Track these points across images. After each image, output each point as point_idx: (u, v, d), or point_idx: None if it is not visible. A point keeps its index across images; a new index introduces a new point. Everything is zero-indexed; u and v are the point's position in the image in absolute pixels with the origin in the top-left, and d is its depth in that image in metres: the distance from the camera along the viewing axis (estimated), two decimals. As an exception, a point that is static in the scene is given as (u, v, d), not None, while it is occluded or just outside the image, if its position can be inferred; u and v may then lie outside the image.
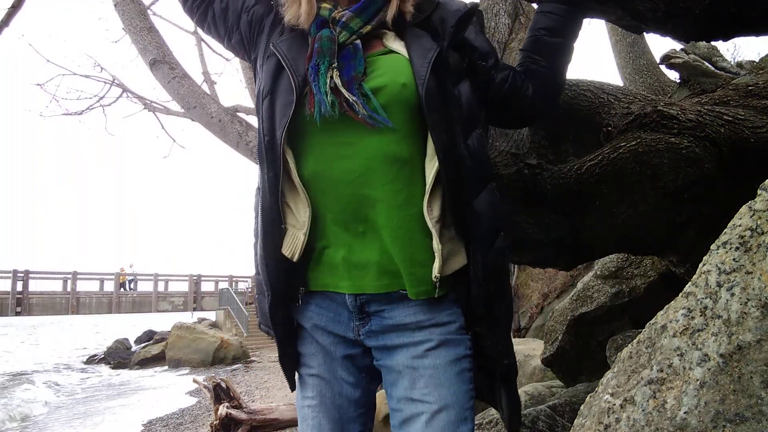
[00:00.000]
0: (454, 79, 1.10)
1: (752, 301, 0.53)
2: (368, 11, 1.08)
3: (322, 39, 1.06)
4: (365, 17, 1.08)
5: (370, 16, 1.08)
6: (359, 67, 1.05)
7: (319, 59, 1.04)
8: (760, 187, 0.61)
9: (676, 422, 0.52)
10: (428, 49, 1.06)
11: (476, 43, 1.16)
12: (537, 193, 2.05)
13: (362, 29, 1.08)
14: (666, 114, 1.97)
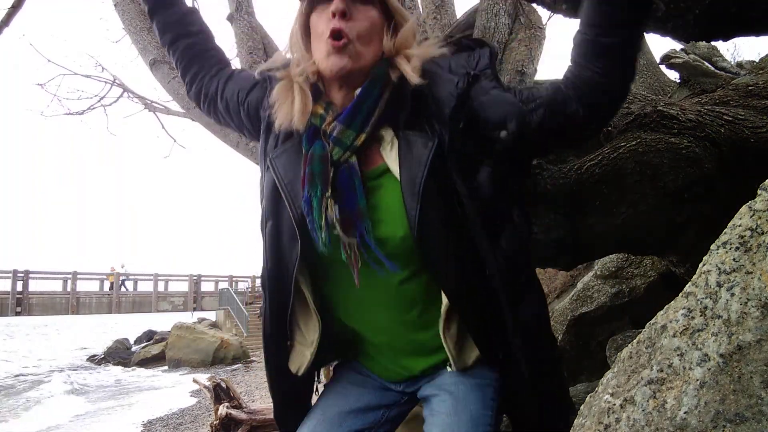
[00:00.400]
0: (469, 170, 0.95)
1: (752, 301, 0.53)
2: (358, 118, 0.95)
3: (313, 160, 0.95)
4: (357, 126, 0.95)
5: (362, 123, 0.95)
6: (360, 200, 0.94)
7: (311, 190, 0.94)
8: (760, 187, 0.61)
9: (676, 422, 0.52)
10: (420, 164, 0.92)
11: (487, 113, 0.94)
12: (537, 193, 2.05)
13: (356, 141, 0.96)
14: (666, 114, 1.97)
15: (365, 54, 0.95)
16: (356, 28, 0.94)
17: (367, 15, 0.96)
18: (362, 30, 0.95)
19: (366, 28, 0.95)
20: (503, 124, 0.92)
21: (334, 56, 0.93)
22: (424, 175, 0.91)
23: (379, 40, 0.98)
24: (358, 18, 0.95)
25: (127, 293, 27.79)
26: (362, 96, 0.95)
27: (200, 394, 8.81)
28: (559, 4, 1.40)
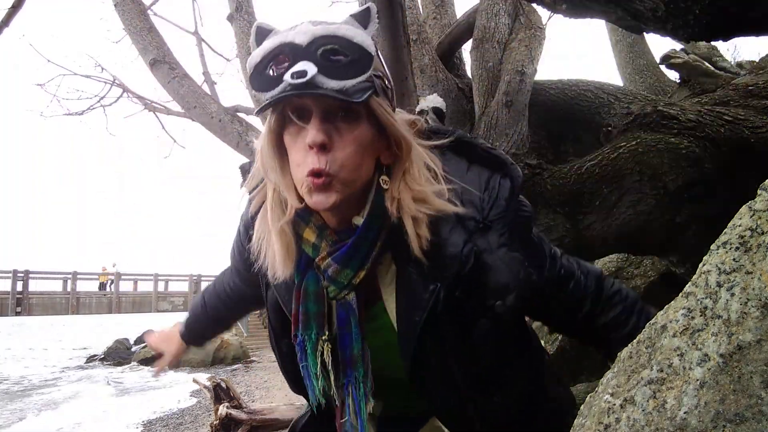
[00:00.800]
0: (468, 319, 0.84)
1: (752, 301, 0.53)
2: (357, 257, 0.81)
3: (308, 297, 0.85)
4: (355, 265, 0.81)
5: (360, 262, 0.82)
6: (356, 344, 0.84)
7: (305, 333, 0.85)
8: (760, 187, 0.61)
9: (676, 422, 0.52)
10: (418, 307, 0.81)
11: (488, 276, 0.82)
12: (537, 193, 2.05)
13: (354, 280, 0.82)
14: (666, 114, 1.97)
15: (356, 179, 0.79)
16: (340, 159, 0.77)
17: (352, 136, 0.77)
18: (348, 158, 0.77)
19: (352, 153, 0.77)
20: (502, 295, 0.82)
21: (318, 195, 0.77)
22: (422, 321, 0.81)
23: (372, 154, 0.81)
24: (341, 145, 0.77)
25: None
26: (361, 234, 0.81)
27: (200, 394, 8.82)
28: (559, 4, 1.40)
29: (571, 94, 2.51)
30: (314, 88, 0.72)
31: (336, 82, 0.73)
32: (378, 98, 0.78)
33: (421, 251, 0.79)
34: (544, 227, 2.01)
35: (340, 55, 0.74)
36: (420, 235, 0.79)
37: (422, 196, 0.80)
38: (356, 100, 0.74)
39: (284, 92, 0.73)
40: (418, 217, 0.79)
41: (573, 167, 2.08)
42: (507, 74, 2.47)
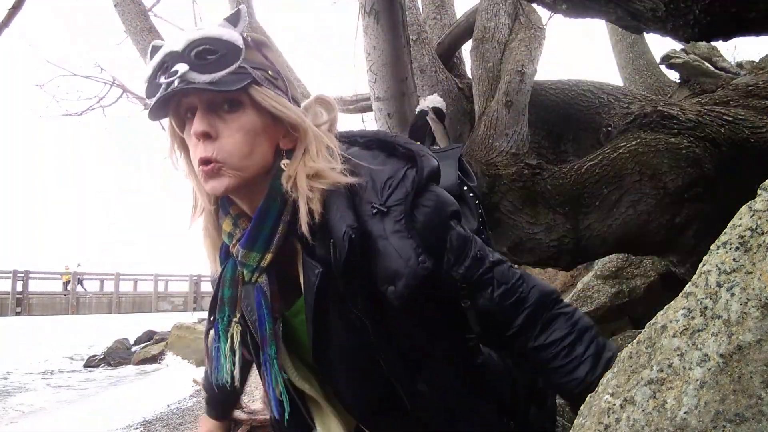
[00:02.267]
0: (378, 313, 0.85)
1: (752, 301, 0.53)
2: (260, 239, 0.85)
3: (224, 283, 0.89)
4: (260, 248, 0.85)
5: (265, 244, 0.85)
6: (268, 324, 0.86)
7: (219, 316, 0.89)
8: (760, 187, 0.61)
9: (676, 422, 0.52)
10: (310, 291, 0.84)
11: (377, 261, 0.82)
12: (537, 193, 2.05)
13: (262, 263, 0.86)
14: (666, 114, 1.97)
15: (248, 166, 0.83)
16: (227, 147, 0.81)
17: (237, 124, 0.82)
18: (235, 146, 0.81)
19: (239, 141, 0.82)
20: (392, 280, 0.81)
21: (210, 182, 0.82)
22: (312, 304, 0.84)
23: (266, 140, 0.85)
24: (226, 132, 0.81)
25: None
26: (259, 218, 0.84)
27: (200, 394, 8.81)
28: (559, 4, 1.40)
29: (571, 94, 2.51)
30: (187, 84, 0.79)
31: (207, 76, 0.79)
32: (260, 87, 0.83)
33: (309, 230, 0.82)
34: (544, 227, 2.02)
35: (211, 53, 0.81)
36: (312, 209, 0.82)
37: (316, 171, 0.84)
38: (227, 89, 0.79)
39: (162, 93, 0.80)
40: (310, 195, 0.83)
41: (573, 167, 2.08)
42: (507, 74, 2.47)
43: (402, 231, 0.82)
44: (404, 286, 0.80)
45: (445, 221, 0.87)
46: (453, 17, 3.40)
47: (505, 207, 2.03)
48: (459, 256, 0.87)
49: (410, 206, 0.84)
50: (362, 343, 0.85)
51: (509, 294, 0.87)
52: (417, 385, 0.87)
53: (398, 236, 0.82)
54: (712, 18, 1.14)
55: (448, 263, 0.86)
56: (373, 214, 0.83)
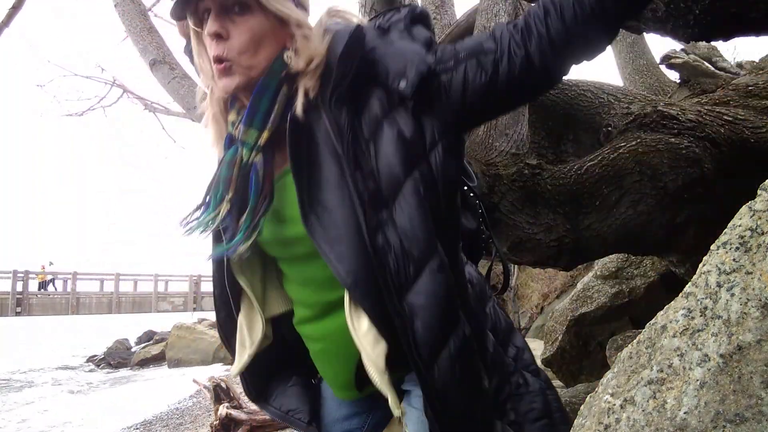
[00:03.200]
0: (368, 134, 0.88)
1: (752, 302, 0.53)
2: (258, 116, 0.91)
3: (222, 165, 0.95)
4: (258, 124, 0.91)
5: (262, 120, 0.91)
6: (252, 199, 0.91)
7: (213, 193, 0.94)
8: (760, 187, 0.61)
9: (676, 422, 0.52)
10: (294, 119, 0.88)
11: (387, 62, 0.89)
12: (537, 193, 2.05)
13: (260, 140, 0.92)
14: (666, 114, 1.97)
15: (255, 65, 0.91)
16: (236, 46, 0.89)
17: (246, 26, 0.90)
18: (243, 45, 0.89)
19: (247, 40, 0.90)
20: (403, 72, 0.87)
21: (222, 79, 0.90)
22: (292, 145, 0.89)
23: (273, 42, 0.92)
24: (236, 33, 0.89)
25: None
26: (258, 93, 0.91)
27: (200, 395, 8.81)
28: (559, 4, 1.40)
29: (570, 94, 2.51)
30: None
31: None
32: None
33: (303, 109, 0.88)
34: (544, 227, 2.02)
35: None
36: (307, 89, 0.89)
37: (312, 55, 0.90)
38: None
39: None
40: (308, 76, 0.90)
41: (573, 167, 2.08)
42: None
43: (406, 38, 0.93)
44: (415, 73, 0.87)
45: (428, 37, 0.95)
46: (453, 17, 3.40)
47: (505, 207, 2.03)
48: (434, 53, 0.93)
49: (409, 23, 0.95)
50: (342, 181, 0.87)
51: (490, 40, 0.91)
52: (384, 226, 0.85)
53: (404, 40, 0.93)
54: (712, 18, 1.14)
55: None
56: (376, 33, 0.94)
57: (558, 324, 3.41)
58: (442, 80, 0.89)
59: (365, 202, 0.85)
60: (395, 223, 0.85)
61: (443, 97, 0.90)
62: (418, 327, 0.83)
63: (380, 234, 0.85)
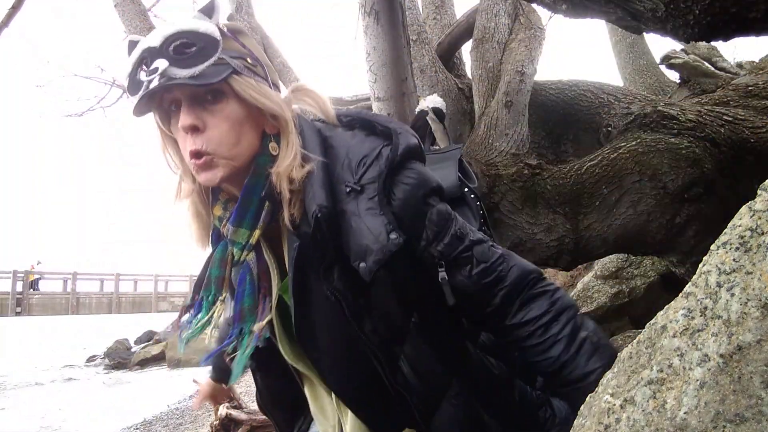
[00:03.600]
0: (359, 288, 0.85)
1: (752, 302, 0.53)
2: (247, 216, 0.86)
3: (212, 264, 0.91)
4: (248, 225, 0.87)
5: (252, 220, 0.87)
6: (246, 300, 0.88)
7: (204, 293, 0.91)
8: (760, 187, 0.61)
9: (676, 422, 0.52)
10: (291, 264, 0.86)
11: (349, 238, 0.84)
12: (537, 193, 2.05)
13: (251, 240, 0.88)
14: (666, 114, 1.97)
15: (238, 154, 0.85)
16: (215, 138, 0.83)
17: (223, 115, 0.84)
18: (222, 136, 0.83)
19: (226, 131, 0.84)
20: (362, 256, 0.82)
21: (203, 173, 0.84)
22: (292, 276, 0.86)
23: (253, 127, 0.87)
24: (213, 123, 0.83)
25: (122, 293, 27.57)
26: (246, 193, 0.86)
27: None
28: (559, 4, 1.40)
29: (570, 94, 2.51)
30: (168, 80, 0.80)
31: (187, 70, 0.80)
32: (240, 77, 0.84)
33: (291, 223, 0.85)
34: (544, 227, 2.02)
35: (189, 47, 0.81)
36: (293, 214, 0.85)
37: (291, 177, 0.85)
38: (208, 81, 0.81)
39: (144, 90, 0.81)
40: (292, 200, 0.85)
41: (573, 167, 2.08)
42: (507, 74, 2.47)
43: (374, 208, 0.83)
44: (374, 261, 0.81)
45: (424, 197, 0.88)
46: (453, 17, 3.40)
47: (505, 207, 2.03)
48: (438, 233, 0.87)
49: (383, 185, 0.85)
50: (340, 320, 0.85)
51: (487, 273, 0.87)
52: (399, 362, 0.86)
53: (370, 213, 0.83)
54: (712, 18, 1.14)
55: (427, 240, 0.87)
56: (347, 193, 0.85)
57: (558, 324, 3.41)
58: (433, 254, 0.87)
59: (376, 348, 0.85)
60: (408, 360, 0.87)
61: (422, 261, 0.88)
62: None
63: (399, 373, 0.87)
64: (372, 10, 1.83)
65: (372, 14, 1.84)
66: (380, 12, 1.83)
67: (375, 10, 1.83)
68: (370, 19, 1.85)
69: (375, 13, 1.83)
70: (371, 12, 1.83)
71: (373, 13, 1.83)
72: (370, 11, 1.83)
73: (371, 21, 1.85)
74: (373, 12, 1.83)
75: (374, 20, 1.84)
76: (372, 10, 1.83)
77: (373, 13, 1.83)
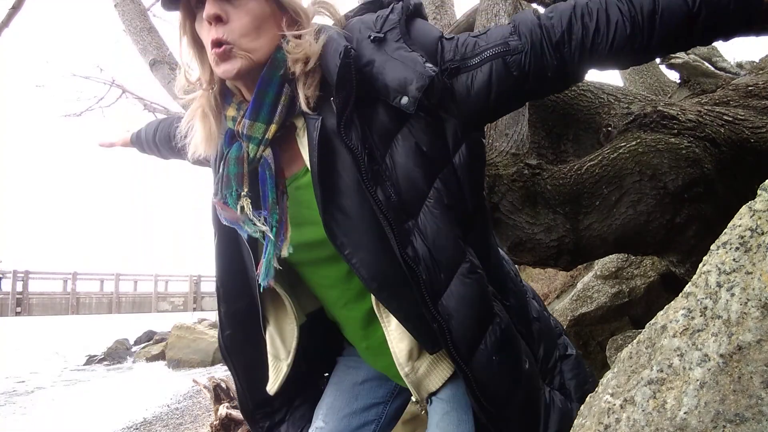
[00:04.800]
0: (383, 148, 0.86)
1: (752, 302, 0.53)
2: (264, 109, 0.88)
3: (229, 162, 0.91)
4: (264, 118, 0.88)
5: (268, 114, 0.88)
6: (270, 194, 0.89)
7: (226, 191, 0.90)
8: (760, 187, 0.61)
9: (676, 422, 0.52)
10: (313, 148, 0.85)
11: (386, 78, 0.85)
12: (537, 193, 2.05)
13: (267, 134, 0.89)
14: (666, 114, 1.97)
15: (257, 48, 0.88)
16: (236, 30, 0.86)
17: (246, 9, 0.86)
18: (244, 28, 0.86)
19: (247, 23, 0.86)
20: (403, 88, 0.83)
21: (222, 64, 0.86)
22: (316, 161, 0.85)
23: (273, 26, 0.89)
24: (236, 16, 0.86)
25: (122, 293, 27.48)
26: (262, 85, 0.88)
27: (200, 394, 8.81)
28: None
29: (571, 94, 2.51)
30: None
31: None
32: None
33: (307, 106, 0.87)
34: (544, 227, 2.01)
35: None
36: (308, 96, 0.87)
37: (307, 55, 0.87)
38: None
39: None
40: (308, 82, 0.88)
41: (573, 167, 2.08)
42: (507, 74, 2.46)
43: (404, 47, 0.86)
44: (416, 88, 0.82)
45: (435, 36, 0.90)
46: (453, 17, 3.40)
47: (505, 207, 2.03)
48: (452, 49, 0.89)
49: (405, 27, 0.88)
50: (359, 191, 0.85)
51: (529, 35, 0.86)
52: (411, 237, 0.85)
53: (402, 50, 0.85)
54: (712, 18, 1.14)
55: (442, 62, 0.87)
56: (372, 44, 0.87)
57: (558, 324, 3.41)
58: (463, 79, 0.87)
59: (390, 217, 0.84)
60: (422, 233, 0.86)
61: (465, 96, 0.87)
62: (454, 328, 0.86)
63: (409, 247, 0.85)
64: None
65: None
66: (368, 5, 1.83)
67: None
68: (370, 19, 1.85)
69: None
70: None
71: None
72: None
73: (371, 21, 1.85)
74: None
75: (374, 20, 1.84)
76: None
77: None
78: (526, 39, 0.85)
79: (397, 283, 0.86)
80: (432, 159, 0.88)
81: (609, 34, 0.81)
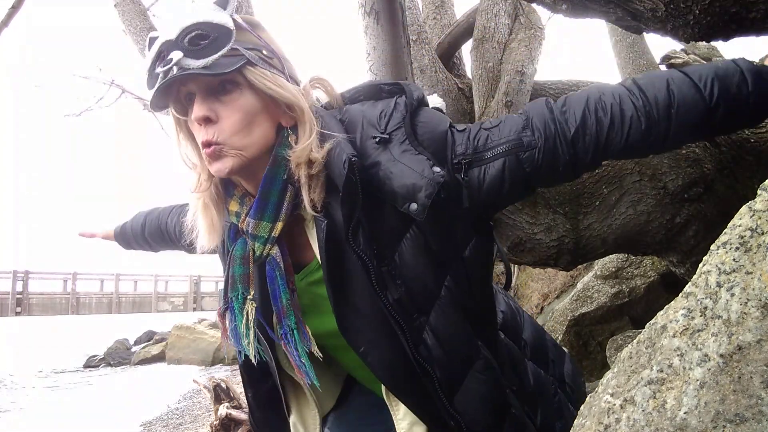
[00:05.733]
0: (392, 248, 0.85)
1: (752, 302, 0.53)
2: (269, 208, 0.86)
3: (234, 261, 0.89)
4: (270, 216, 0.86)
5: (273, 212, 0.86)
6: (284, 295, 0.87)
7: (232, 294, 0.89)
8: (760, 187, 0.61)
9: (676, 422, 0.52)
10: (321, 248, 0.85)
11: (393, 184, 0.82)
12: (537, 193, 2.05)
13: (273, 233, 0.87)
14: (666, 114, 1.97)
15: (249, 145, 0.85)
16: (227, 129, 0.83)
17: (235, 105, 0.84)
18: (234, 126, 0.83)
19: (237, 121, 0.83)
20: (411, 195, 0.80)
21: (214, 163, 0.84)
22: (325, 264, 0.84)
23: (267, 119, 0.87)
24: (225, 114, 0.83)
25: (122, 293, 27.48)
26: (266, 184, 0.86)
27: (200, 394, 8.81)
28: (559, 4, 1.40)
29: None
30: (182, 70, 0.80)
31: (201, 60, 0.80)
32: (254, 68, 0.84)
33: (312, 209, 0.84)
34: (544, 227, 2.01)
35: (203, 38, 0.81)
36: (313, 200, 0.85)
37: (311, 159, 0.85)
38: (221, 71, 0.80)
39: (160, 82, 0.81)
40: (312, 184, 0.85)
41: (573, 167, 2.08)
42: (507, 74, 2.47)
43: (410, 150, 0.83)
44: (425, 195, 0.80)
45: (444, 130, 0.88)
46: (453, 17, 3.40)
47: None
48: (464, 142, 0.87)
49: (410, 127, 0.85)
50: (370, 294, 0.84)
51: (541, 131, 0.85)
52: (423, 334, 0.85)
53: (408, 154, 0.83)
54: (712, 18, 1.14)
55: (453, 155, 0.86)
56: (377, 145, 0.85)
57: (558, 324, 3.41)
58: (475, 173, 0.85)
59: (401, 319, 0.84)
60: (434, 331, 0.85)
61: (476, 189, 0.86)
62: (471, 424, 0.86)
63: (422, 345, 0.85)
64: (372, 10, 1.83)
65: (372, 14, 1.84)
66: (380, 12, 1.83)
67: (375, 10, 1.83)
68: (370, 19, 1.85)
69: (375, 13, 1.83)
70: (371, 12, 1.83)
71: (373, 13, 1.84)
72: (370, 11, 1.83)
73: (371, 21, 1.85)
74: (373, 12, 1.83)
75: (374, 20, 1.84)
76: (372, 10, 1.83)
77: (373, 13, 1.83)
78: (540, 134, 0.84)
79: (411, 379, 0.86)
80: (441, 256, 0.87)
81: (624, 129, 0.81)
